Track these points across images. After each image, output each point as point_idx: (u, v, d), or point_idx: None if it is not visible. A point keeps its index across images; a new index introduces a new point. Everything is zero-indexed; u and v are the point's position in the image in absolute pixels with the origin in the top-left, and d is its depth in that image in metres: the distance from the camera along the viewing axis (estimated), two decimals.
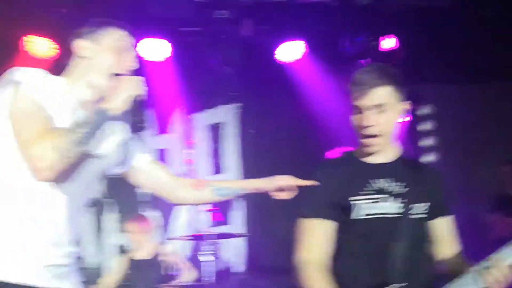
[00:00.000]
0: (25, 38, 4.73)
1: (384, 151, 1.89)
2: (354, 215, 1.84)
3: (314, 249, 1.85)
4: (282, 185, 1.97)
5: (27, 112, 1.61)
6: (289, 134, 5.39)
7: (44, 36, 4.78)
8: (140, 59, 4.99)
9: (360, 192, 1.85)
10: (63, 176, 1.64)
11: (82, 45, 1.77)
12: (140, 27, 4.63)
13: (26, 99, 1.62)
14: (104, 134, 1.72)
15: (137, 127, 1.74)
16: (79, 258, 1.80)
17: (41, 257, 1.65)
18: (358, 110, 1.83)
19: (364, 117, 1.81)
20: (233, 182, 2.17)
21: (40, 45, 4.78)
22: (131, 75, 1.75)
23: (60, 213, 1.68)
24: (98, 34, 1.77)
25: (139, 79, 1.73)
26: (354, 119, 1.86)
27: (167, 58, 5.05)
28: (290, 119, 5.37)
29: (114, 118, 1.67)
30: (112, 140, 1.82)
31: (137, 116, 1.72)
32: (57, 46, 4.82)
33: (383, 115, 1.81)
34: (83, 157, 1.68)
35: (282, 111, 5.38)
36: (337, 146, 3.96)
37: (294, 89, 5.22)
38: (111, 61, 1.74)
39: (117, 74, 1.72)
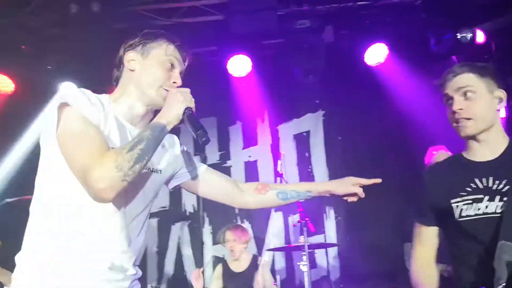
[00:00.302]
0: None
1: (489, 145, 1.88)
2: (456, 217, 1.84)
3: (421, 252, 2.01)
4: (349, 187, 1.97)
5: (79, 132, 1.53)
6: (376, 139, 5.26)
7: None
8: (228, 75, 5.22)
9: (462, 193, 1.85)
10: (121, 194, 1.54)
11: (130, 57, 1.73)
12: (226, 45, 4.80)
13: (77, 118, 1.54)
14: (162, 149, 1.74)
15: (202, 141, 1.68)
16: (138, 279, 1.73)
17: (100, 279, 1.57)
18: (448, 98, 1.91)
19: (453, 103, 1.88)
20: (299, 185, 2.04)
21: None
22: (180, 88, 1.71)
23: (118, 232, 1.60)
24: (147, 47, 1.73)
25: (187, 91, 1.69)
26: (448, 111, 1.93)
27: (249, 72, 5.17)
28: (377, 124, 5.25)
29: (171, 132, 1.68)
30: (168, 154, 1.82)
31: (199, 130, 1.67)
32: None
33: (471, 100, 1.86)
34: (144, 174, 1.64)
35: (368, 116, 5.28)
36: (428, 148, 3.82)
37: (380, 93, 5.10)
38: (157, 75, 1.70)
39: (165, 89, 1.70)
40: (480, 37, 4.65)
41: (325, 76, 5.13)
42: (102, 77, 2.10)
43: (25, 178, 3.45)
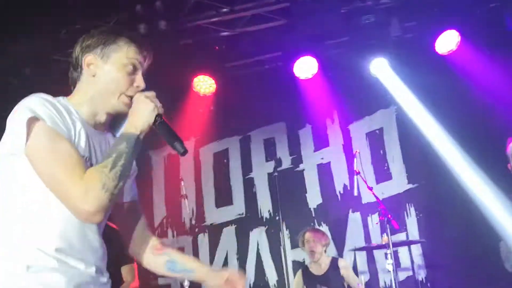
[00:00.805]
0: (195, 79, 5.20)
1: None
2: None
3: None
4: (220, 282, 1.73)
5: (55, 150, 1.44)
6: (454, 132, 5.02)
7: (206, 74, 5.22)
8: (295, 79, 5.23)
9: None
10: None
11: (89, 61, 1.61)
12: (291, 49, 4.81)
13: (50, 135, 1.44)
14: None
15: (181, 152, 1.57)
16: None
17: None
18: None
19: None
20: (190, 261, 1.82)
21: (204, 84, 5.22)
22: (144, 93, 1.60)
23: (97, 236, 1.57)
24: (107, 50, 1.60)
25: (153, 95, 1.59)
26: None
27: (315, 74, 5.13)
28: (453, 115, 5.01)
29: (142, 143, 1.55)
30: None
31: (176, 141, 1.56)
32: (214, 82, 5.24)
33: None
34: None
35: (443, 107, 5.05)
36: (508, 138, 3.59)
37: (454, 83, 4.88)
38: (120, 82, 1.59)
39: (128, 95, 1.60)
40: None
41: (395, 69, 4.99)
42: (167, 94, 2.14)
43: None
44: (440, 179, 5.01)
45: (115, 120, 1.71)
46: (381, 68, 5.11)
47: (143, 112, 1.54)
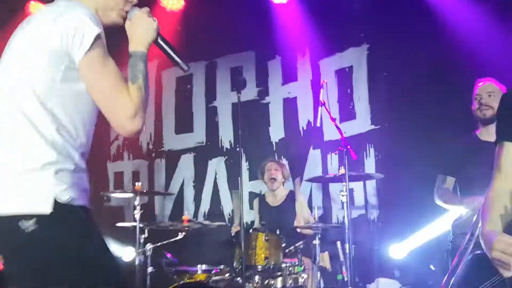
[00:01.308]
0: None
1: None
2: None
3: (504, 176, 1.74)
4: None
5: (106, 65, 1.56)
6: (423, 75, 4.95)
7: None
8: (268, 3, 4.98)
9: None
10: None
11: None
12: None
13: (104, 50, 1.59)
14: None
15: (186, 69, 1.77)
16: None
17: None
18: None
19: None
20: None
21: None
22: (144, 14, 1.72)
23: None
24: None
25: (148, 10, 1.73)
26: None
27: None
28: (425, 58, 4.92)
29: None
30: None
31: (180, 57, 1.74)
32: None
33: None
34: None
35: (416, 50, 4.96)
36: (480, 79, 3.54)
37: (429, 24, 4.76)
38: None
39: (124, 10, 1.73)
40: None
41: (372, 6, 4.82)
42: None
43: None
44: (404, 122, 4.99)
45: None
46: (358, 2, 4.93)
47: (146, 29, 1.67)
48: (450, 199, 3.26)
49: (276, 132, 5.58)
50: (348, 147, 3.52)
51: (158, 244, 3.89)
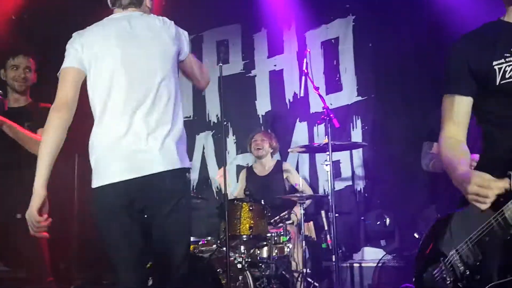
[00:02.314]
0: None
1: None
2: (498, 80, 1.69)
3: (456, 125, 1.82)
4: None
5: None
6: (408, 46, 4.94)
7: None
8: None
9: (506, 55, 1.68)
10: None
11: None
12: None
13: None
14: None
15: None
16: None
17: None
18: None
19: None
20: None
21: None
22: None
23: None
24: None
25: None
26: None
27: None
28: (411, 29, 4.91)
29: None
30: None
31: None
32: None
33: None
34: None
35: (402, 22, 4.94)
36: None
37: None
38: None
39: None
40: None
41: None
42: None
43: None
44: (390, 93, 5.00)
45: None
46: None
47: None
48: (438, 163, 3.29)
49: (263, 105, 5.58)
50: (331, 115, 3.53)
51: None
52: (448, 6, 4.48)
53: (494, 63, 1.69)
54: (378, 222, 4.81)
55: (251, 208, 3.68)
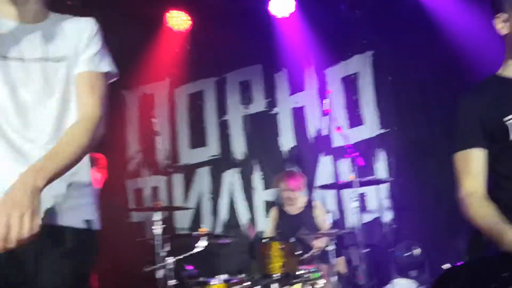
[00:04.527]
0: (167, 14, 5.06)
1: None
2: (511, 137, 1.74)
3: (475, 179, 1.80)
4: None
5: None
6: (429, 77, 5.05)
7: (180, 9, 5.08)
8: (271, 18, 5.12)
9: None
10: None
11: None
12: None
13: None
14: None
15: None
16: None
17: None
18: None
19: None
20: None
21: (178, 19, 5.09)
22: None
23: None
24: None
25: None
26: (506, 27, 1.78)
27: (292, 12, 5.04)
28: (429, 61, 5.02)
29: None
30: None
31: None
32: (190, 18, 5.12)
33: None
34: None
35: (419, 54, 5.06)
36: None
37: (431, 27, 4.85)
38: None
39: None
40: None
41: (373, 11, 4.93)
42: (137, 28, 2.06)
43: None
44: (413, 124, 5.09)
45: None
46: (359, 6, 5.06)
47: None
48: None
49: (286, 141, 5.72)
50: (355, 154, 3.64)
51: (180, 256, 4.02)
52: (466, 34, 4.60)
53: (505, 119, 1.73)
54: (407, 253, 4.83)
55: (281, 246, 3.75)
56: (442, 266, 3.92)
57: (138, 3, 4.40)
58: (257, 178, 5.75)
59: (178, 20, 5.18)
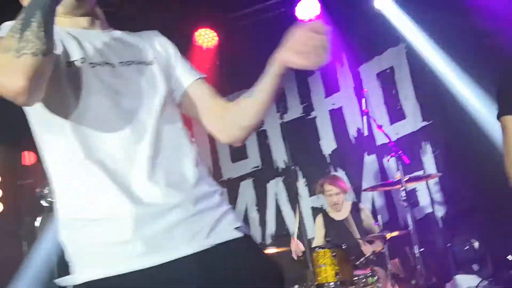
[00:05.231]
0: (196, 33, 5.12)
1: None
2: None
3: None
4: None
5: None
6: (465, 62, 4.85)
7: (207, 27, 5.13)
8: (297, 20, 5.08)
9: None
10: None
11: None
12: None
13: None
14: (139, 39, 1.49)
15: None
16: None
17: None
18: None
19: None
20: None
21: (207, 37, 5.15)
22: None
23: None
24: None
25: None
26: None
27: (317, 15, 5.00)
28: (465, 45, 4.83)
29: None
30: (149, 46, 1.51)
31: None
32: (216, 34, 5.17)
33: None
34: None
35: (457, 39, 4.87)
36: None
37: (463, 12, 4.66)
38: None
39: None
40: None
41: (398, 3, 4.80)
42: None
43: None
44: (455, 113, 4.90)
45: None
46: (385, 3, 4.95)
47: None
48: None
49: (328, 144, 5.63)
50: (400, 152, 3.53)
51: None
52: (496, 11, 4.40)
53: None
54: (467, 247, 4.64)
55: (333, 254, 3.68)
56: (508, 257, 3.74)
57: (167, 24, 4.45)
58: (301, 185, 5.68)
59: (207, 38, 5.23)
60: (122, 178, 1.27)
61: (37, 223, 4.34)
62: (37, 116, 1.33)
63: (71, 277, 1.27)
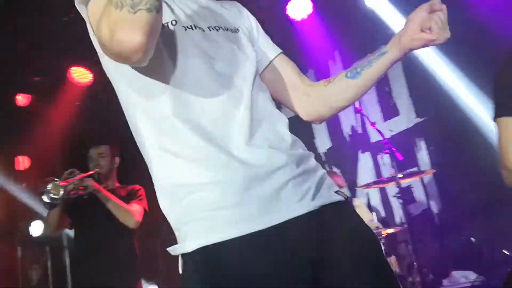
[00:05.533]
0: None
1: None
2: None
3: None
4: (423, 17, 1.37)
5: None
6: (459, 59, 4.85)
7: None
8: (289, 20, 5.08)
9: None
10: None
11: None
12: None
13: None
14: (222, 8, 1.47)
15: None
16: None
17: None
18: None
19: None
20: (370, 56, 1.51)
21: (81, 74, 5.33)
22: None
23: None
24: None
25: None
26: None
27: (310, 14, 5.00)
28: (459, 43, 4.82)
29: None
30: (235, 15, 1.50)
31: None
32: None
33: None
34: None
35: (450, 37, 4.85)
36: None
37: (457, 10, 4.65)
38: None
39: None
40: None
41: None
42: None
43: None
44: (449, 110, 4.90)
45: None
46: (377, 1, 4.94)
47: None
48: None
49: (322, 142, 5.63)
50: (393, 149, 3.53)
51: None
52: (489, 7, 4.40)
53: None
54: (463, 243, 4.65)
55: None
56: (504, 251, 3.75)
57: None
58: None
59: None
60: (224, 142, 1.23)
61: (31, 228, 4.32)
62: (133, 82, 1.29)
63: (181, 245, 1.22)
